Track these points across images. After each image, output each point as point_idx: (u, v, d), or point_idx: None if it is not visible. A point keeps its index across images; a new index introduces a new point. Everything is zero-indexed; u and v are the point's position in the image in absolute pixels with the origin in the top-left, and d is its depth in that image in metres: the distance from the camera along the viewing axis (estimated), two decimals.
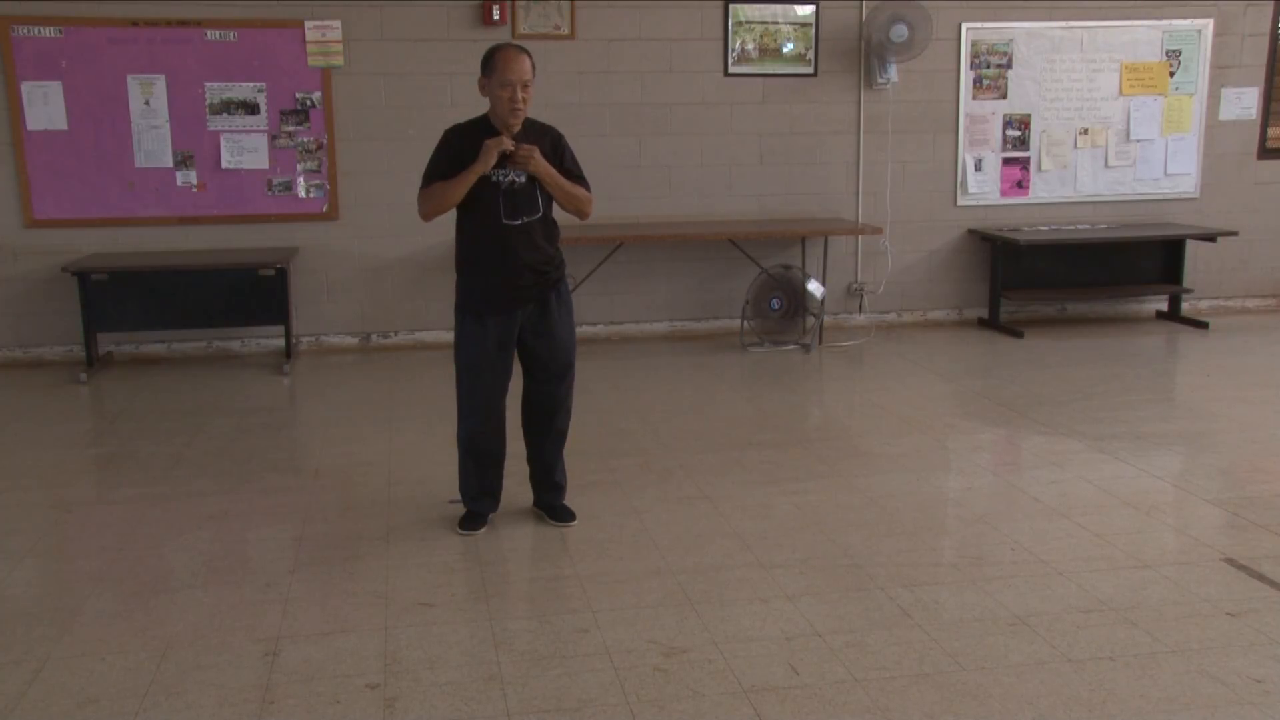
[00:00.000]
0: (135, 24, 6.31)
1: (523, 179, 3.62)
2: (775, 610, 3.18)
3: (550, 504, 3.94)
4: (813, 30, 7.00)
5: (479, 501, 3.88)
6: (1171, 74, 7.49)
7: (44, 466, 4.65)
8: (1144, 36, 7.41)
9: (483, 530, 3.82)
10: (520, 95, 3.53)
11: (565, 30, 6.71)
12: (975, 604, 3.21)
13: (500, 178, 3.61)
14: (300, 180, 6.63)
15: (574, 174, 3.76)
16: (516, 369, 3.83)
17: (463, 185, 3.56)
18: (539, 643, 3.01)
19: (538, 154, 3.59)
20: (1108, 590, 3.30)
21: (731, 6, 6.88)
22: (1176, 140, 7.58)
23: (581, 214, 3.81)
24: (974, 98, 7.30)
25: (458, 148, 3.62)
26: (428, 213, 3.69)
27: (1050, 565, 3.48)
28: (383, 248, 6.74)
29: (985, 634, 3.02)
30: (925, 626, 3.07)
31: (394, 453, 4.76)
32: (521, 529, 3.87)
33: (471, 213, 3.66)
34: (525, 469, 4.00)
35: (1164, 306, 7.72)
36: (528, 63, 3.55)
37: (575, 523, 3.88)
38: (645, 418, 5.28)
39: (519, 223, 3.63)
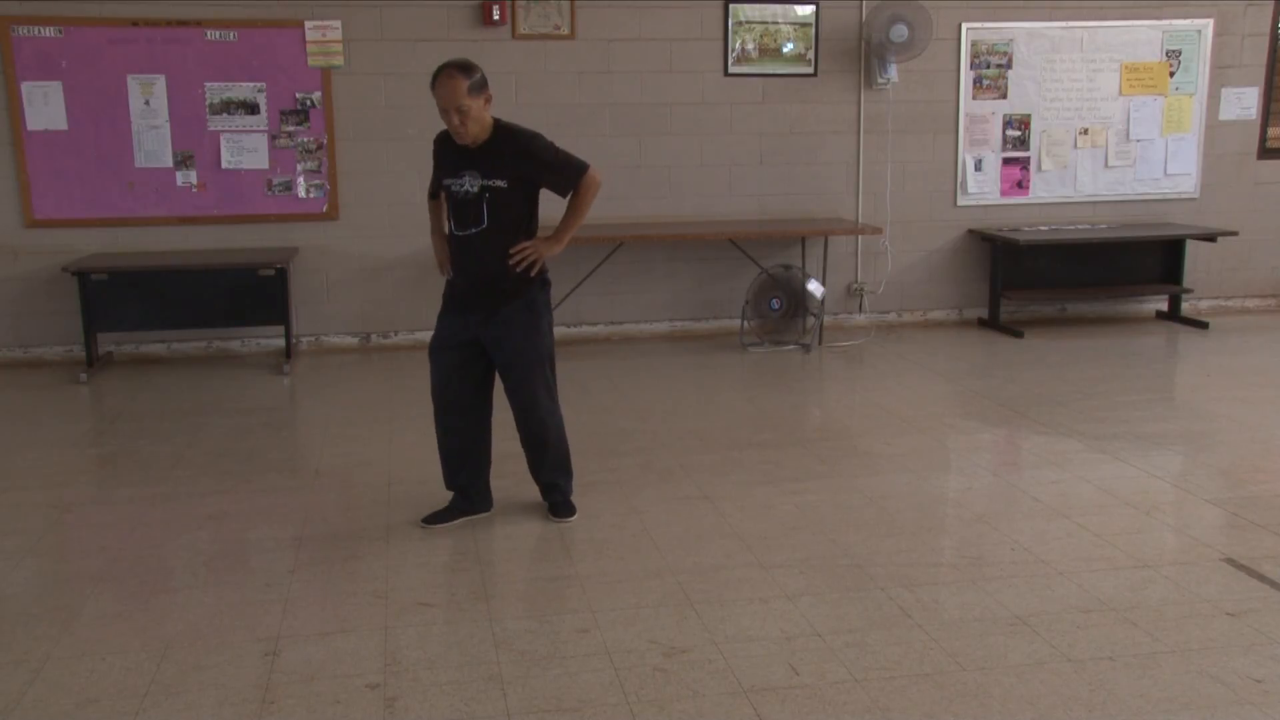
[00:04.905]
0: (135, 24, 6.31)
1: (474, 190, 3.61)
2: (775, 610, 3.18)
3: (549, 500, 3.99)
4: (813, 30, 6.99)
5: (452, 495, 3.93)
6: (1171, 74, 7.49)
7: (44, 466, 4.65)
8: (1144, 36, 7.41)
9: (441, 526, 3.83)
10: (456, 119, 3.52)
11: (565, 30, 6.71)
12: (975, 604, 3.21)
13: (456, 186, 3.66)
14: (300, 180, 6.62)
15: (553, 167, 3.66)
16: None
17: (434, 235, 3.92)
18: (539, 643, 3.01)
19: (533, 252, 3.67)
20: (1108, 590, 3.30)
21: (731, 6, 6.88)
22: (1176, 140, 7.58)
23: (593, 198, 3.78)
24: (974, 98, 7.30)
25: (439, 155, 3.78)
26: None
27: (1050, 565, 3.48)
28: (382, 248, 6.74)
29: (985, 634, 3.02)
30: (925, 626, 3.07)
31: (394, 453, 4.76)
32: (521, 529, 3.87)
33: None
34: (518, 471, 4.09)
35: (1164, 306, 7.72)
36: (458, 87, 3.45)
37: (572, 519, 3.90)
38: (645, 418, 5.28)
39: (465, 234, 3.67)
